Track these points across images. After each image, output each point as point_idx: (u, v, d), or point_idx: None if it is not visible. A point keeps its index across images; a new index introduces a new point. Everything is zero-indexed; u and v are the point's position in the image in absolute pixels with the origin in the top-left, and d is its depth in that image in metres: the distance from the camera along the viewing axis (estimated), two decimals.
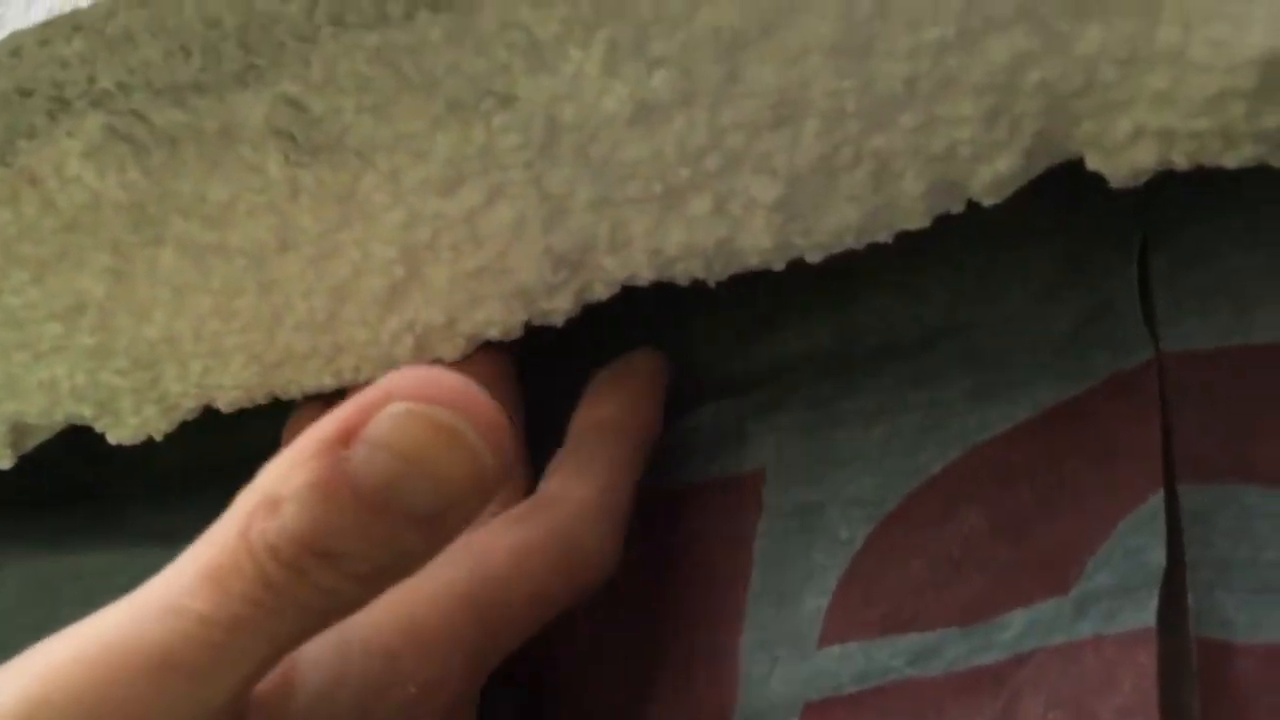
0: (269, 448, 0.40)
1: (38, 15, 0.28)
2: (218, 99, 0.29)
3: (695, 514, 0.32)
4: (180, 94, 0.29)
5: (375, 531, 0.22)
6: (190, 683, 0.23)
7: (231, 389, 0.36)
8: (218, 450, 0.40)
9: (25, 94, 0.29)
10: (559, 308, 0.33)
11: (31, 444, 0.39)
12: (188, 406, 0.37)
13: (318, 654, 0.26)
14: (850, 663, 0.28)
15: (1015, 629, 0.26)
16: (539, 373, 0.36)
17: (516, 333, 0.34)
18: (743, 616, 0.30)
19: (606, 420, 0.33)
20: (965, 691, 0.26)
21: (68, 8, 0.28)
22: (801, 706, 0.28)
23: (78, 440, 0.39)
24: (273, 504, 0.23)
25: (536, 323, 0.34)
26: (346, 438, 0.22)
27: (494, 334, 0.34)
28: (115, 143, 0.30)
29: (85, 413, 0.37)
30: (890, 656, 0.27)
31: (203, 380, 0.36)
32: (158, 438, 0.37)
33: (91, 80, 0.29)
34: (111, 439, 0.38)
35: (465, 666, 0.28)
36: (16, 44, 0.28)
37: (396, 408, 0.22)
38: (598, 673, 0.31)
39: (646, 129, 0.29)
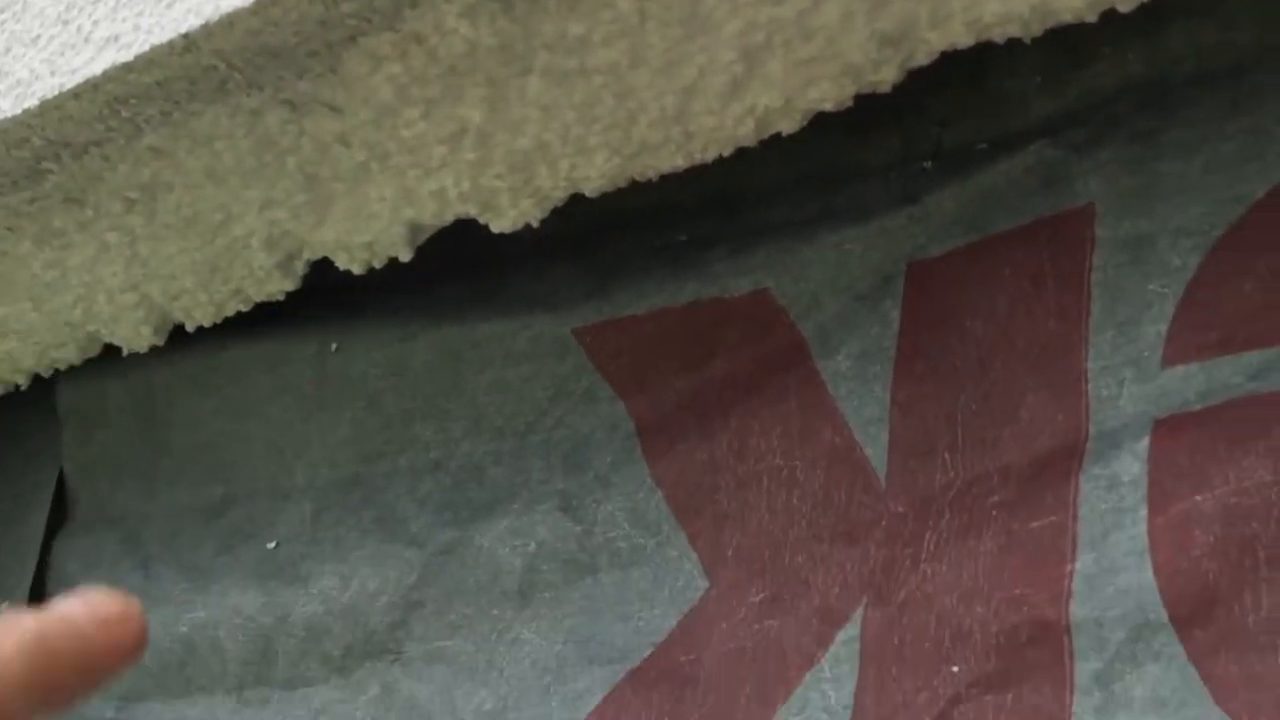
0: (625, 220, 0.45)
1: None
2: None
3: (1023, 253, 0.36)
4: None
5: None
6: None
7: (597, 179, 0.41)
8: (578, 220, 0.46)
9: None
10: (886, 78, 0.36)
11: (422, 239, 0.45)
12: (558, 196, 0.42)
13: None
14: (1193, 381, 0.32)
15: None
16: None
17: (847, 103, 0.37)
18: (1086, 344, 0.34)
19: None
20: None
21: None
22: (1150, 423, 0.32)
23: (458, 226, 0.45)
24: None
25: (864, 92, 0.37)
26: None
27: (828, 107, 0.37)
28: (487, 1, 0.34)
29: (470, 211, 0.43)
30: (1231, 374, 0.31)
31: (570, 175, 0.41)
32: (534, 225, 0.43)
33: None
34: (494, 229, 0.43)
35: None
36: None
37: None
38: (935, 412, 0.36)
39: None
